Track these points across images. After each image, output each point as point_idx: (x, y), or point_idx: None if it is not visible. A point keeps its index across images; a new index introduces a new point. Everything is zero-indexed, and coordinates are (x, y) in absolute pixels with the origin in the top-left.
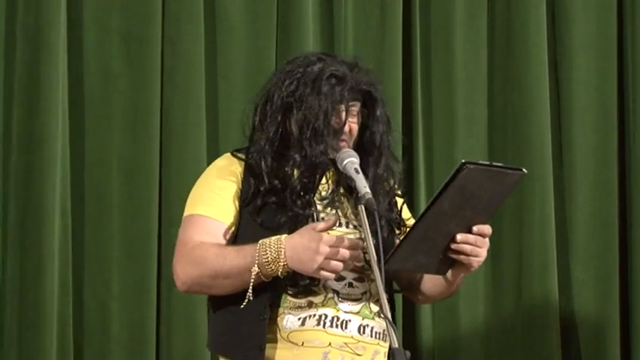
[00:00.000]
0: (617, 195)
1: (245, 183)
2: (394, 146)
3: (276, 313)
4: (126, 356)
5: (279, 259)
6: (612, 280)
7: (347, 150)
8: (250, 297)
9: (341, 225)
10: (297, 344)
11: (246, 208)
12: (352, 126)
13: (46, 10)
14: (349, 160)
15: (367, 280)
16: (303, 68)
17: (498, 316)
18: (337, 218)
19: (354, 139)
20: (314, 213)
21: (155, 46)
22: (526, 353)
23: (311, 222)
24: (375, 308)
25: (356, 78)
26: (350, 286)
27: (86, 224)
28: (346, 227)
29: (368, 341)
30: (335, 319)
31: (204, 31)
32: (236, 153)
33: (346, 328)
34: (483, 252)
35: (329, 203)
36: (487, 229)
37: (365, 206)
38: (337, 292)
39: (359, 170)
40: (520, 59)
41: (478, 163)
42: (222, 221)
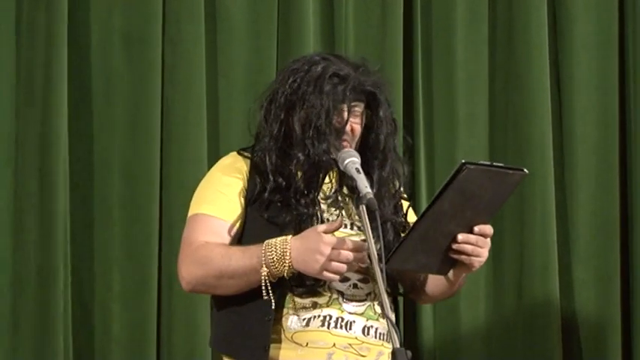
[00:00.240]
0: (618, 194)
1: (251, 181)
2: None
3: (280, 314)
4: (126, 356)
5: (284, 260)
6: (613, 280)
7: (348, 150)
8: (271, 297)
9: (346, 227)
10: (301, 345)
11: (252, 207)
12: (354, 126)
13: (48, 10)
14: (350, 160)
15: (372, 282)
16: (307, 67)
17: (499, 316)
18: (342, 221)
19: (358, 141)
20: (318, 212)
21: (156, 46)
22: (527, 353)
23: (315, 221)
24: (380, 309)
25: (360, 78)
26: (354, 287)
27: (87, 224)
28: (350, 229)
29: (372, 342)
30: (339, 320)
31: (204, 31)
32: (242, 152)
33: (350, 329)
34: (485, 252)
35: (333, 203)
36: (488, 229)
37: (366, 206)
38: (342, 293)
39: (360, 170)
40: (521, 59)
41: (478, 164)
42: (227, 220)
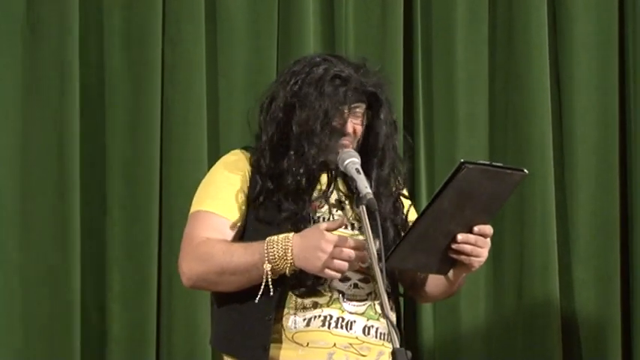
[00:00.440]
0: (618, 194)
1: (253, 180)
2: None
3: (281, 314)
4: (126, 356)
5: (286, 257)
6: (613, 280)
7: (348, 150)
8: (272, 291)
9: (346, 227)
10: (301, 345)
11: (252, 205)
12: (356, 127)
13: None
14: (350, 161)
15: (372, 281)
16: (308, 68)
17: (499, 316)
18: (344, 220)
19: (359, 141)
20: (314, 214)
21: (156, 46)
22: (527, 353)
23: (312, 223)
24: (380, 309)
25: (361, 79)
26: (355, 287)
27: (87, 224)
28: (351, 229)
29: (373, 342)
30: (340, 320)
31: (204, 31)
32: (245, 150)
33: (351, 329)
34: (484, 252)
35: (333, 203)
36: (488, 230)
37: (366, 206)
38: (342, 293)
39: (360, 170)
40: (521, 59)
41: (477, 163)
42: (228, 218)
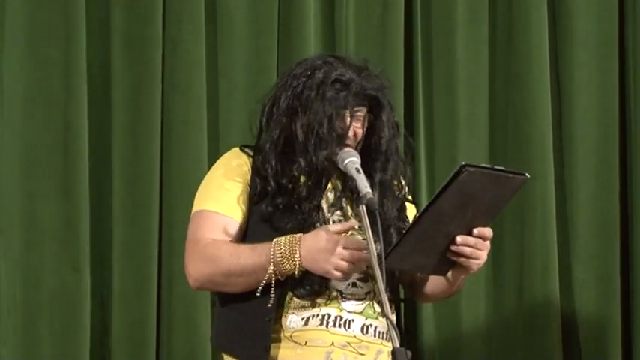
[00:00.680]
0: (618, 194)
1: (252, 181)
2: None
3: (279, 313)
4: (126, 356)
5: (293, 258)
6: (613, 280)
7: (348, 150)
8: (271, 296)
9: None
10: (300, 344)
11: (255, 207)
12: (357, 131)
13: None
14: (350, 160)
15: (371, 280)
16: (309, 72)
17: (499, 316)
18: (353, 223)
19: (361, 144)
20: (320, 218)
21: (156, 46)
22: (527, 353)
23: (318, 227)
24: (379, 308)
25: (362, 83)
26: (354, 286)
27: (87, 224)
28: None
29: (371, 341)
30: (338, 319)
31: (205, 31)
32: (244, 149)
33: (349, 328)
34: (483, 255)
35: (335, 207)
36: (488, 232)
37: (366, 206)
38: (341, 292)
39: (360, 170)
40: (521, 58)
41: (478, 166)
42: (231, 217)
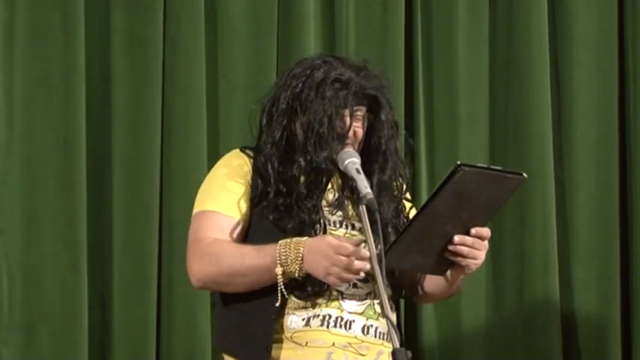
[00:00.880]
0: (618, 194)
1: (253, 182)
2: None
3: (280, 313)
4: (126, 356)
5: (297, 260)
6: (613, 280)
7: (348, 150)
8: (279, 297)
9: (347, 227)
10: (300, 344)
11: (256, 208)
12: (357, 130)
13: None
14: (350, 161)
15: (372, 281)
16: (308, 72)
17: (500, 316)
18: (361, 241)
19: (360, 144)
20: (321, 218)
21: (156, 46)
22: (527, 353)
23: (318, 227)
24: (380, 309)
25: (361, 82)
26: (354, 287)
27: (87, 224)
28: (346, 229)
29: (372, 341)
30: (339, 320)
31: (205, 31)
32: (245, 150)
33: (350, 329)
34: (481, 254)
35: (336, 207)
36: (486, 232)
37: (366, 206)
38: (341, 293)
39: (360, 170)
40: (521, 58)
41: (474, 166)
42: (233, 217)
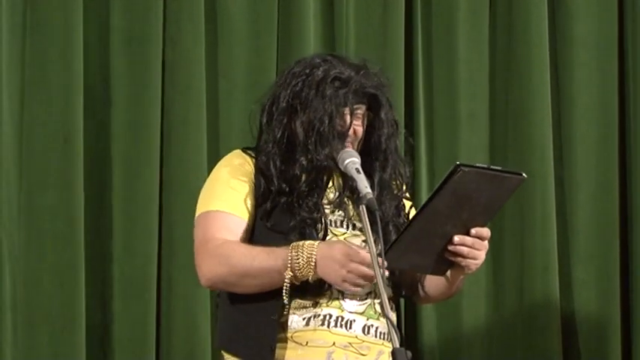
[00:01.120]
0: (618, 194)
1: (257, 181)
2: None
3: (282, 314)
4: (126, 356)
5: (309, 264)
6: (613, 281)
7: (348, 150)
8: (284, 300)
9: (347, 227)
10: (301, 344)
11: (259, 207)
12: (357, 129)
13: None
14: (350, 160)
15: (372, 281)
16: (308, 70)
17: (500, 316)
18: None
19: (360, 142)
20: (322, 217)
21: (156, 46)
22: (527, 353)
23: (320, 226)
24: (380, 309)
25: (361, 81)
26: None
27: (87, 224)
28: (346, 229)
29: (372, 341)
30: (339, 319)
31: (204, 31)
32: (246, 150)
33: (350, 328)
34: (481, 255)
35: (336, 206)
36: (485, 232)
37: (366, 206)
38: (342, 293)
39: (360, 170)
40: (521, 58)
41: (474, 166)
42: (239, 216)
